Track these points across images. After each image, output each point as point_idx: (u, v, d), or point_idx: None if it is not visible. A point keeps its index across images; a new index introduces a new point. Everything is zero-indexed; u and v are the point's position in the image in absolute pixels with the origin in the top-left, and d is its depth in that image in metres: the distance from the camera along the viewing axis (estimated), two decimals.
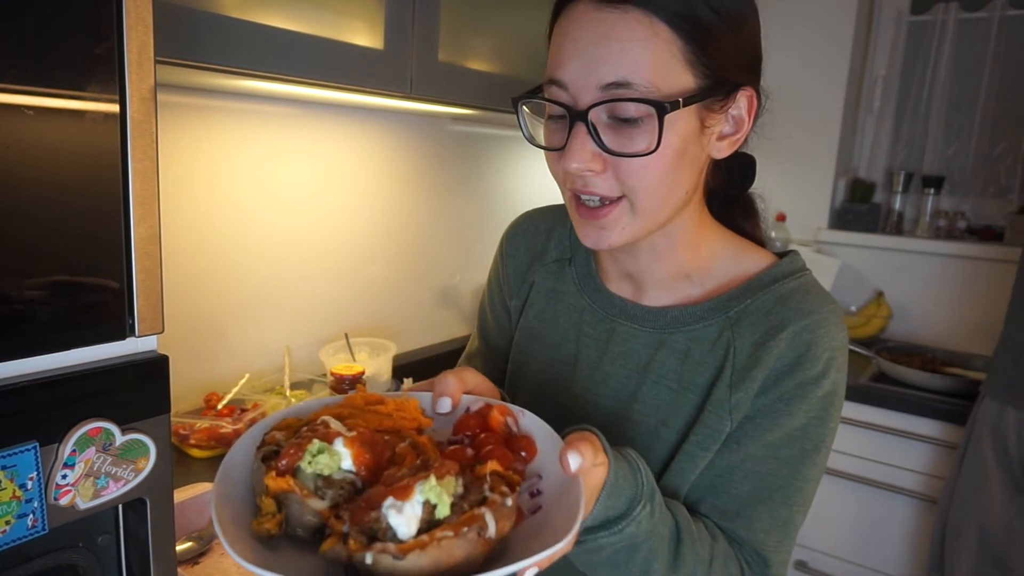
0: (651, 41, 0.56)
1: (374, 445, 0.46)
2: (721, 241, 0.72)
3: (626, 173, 0.60)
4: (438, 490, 0.41)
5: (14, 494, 0.47)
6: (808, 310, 0.64)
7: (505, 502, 0.42)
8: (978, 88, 2.13)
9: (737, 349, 0.66)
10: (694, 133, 0.61)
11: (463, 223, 1.87)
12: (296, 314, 1.47)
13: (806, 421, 0.64)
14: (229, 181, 1.29)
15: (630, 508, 0.55)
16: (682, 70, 0.58)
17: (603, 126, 0.59)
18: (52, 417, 0.49)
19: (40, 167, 0.47)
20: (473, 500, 0.42)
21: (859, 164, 2.38)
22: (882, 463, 1.71)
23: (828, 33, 2.17)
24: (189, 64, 0.82)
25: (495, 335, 0.87)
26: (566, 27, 0.60)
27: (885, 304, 2.14)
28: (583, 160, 0.59)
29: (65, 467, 0.49)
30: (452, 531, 0.38)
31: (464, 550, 0.38)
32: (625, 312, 0.73)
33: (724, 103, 0.62)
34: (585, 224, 0.64)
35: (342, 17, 1.03)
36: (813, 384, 0.63)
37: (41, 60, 0.47)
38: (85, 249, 0.51)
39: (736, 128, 0.64)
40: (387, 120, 1.59)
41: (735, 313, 0.67)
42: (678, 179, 0.62)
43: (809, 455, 0.64)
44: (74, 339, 0.51)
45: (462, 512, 0.41)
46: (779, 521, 0.65)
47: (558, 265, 0.81)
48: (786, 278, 0.68)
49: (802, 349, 0.63)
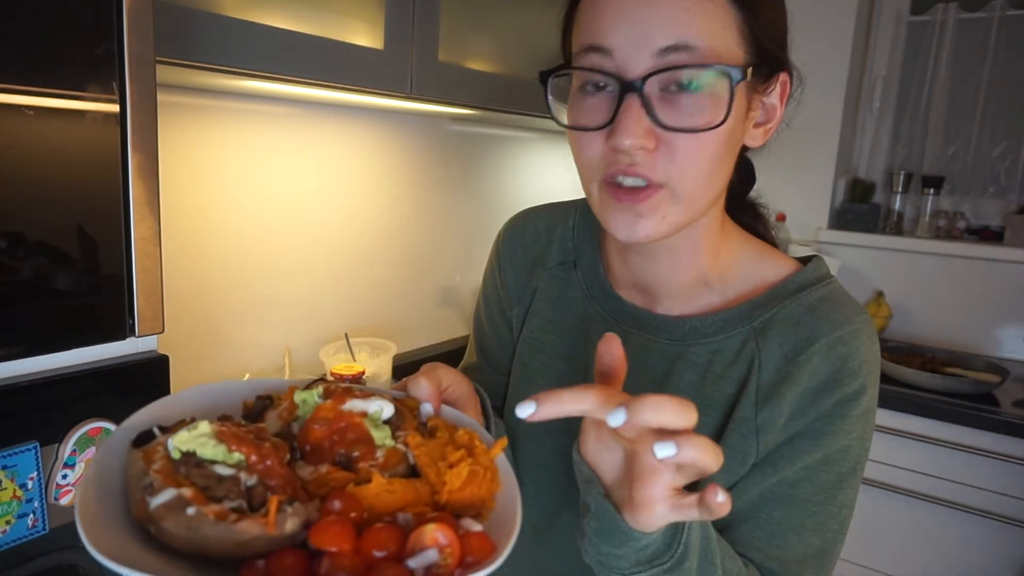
0: (708, 7, 0.51)
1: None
2: (741, 244, 0.66)
3: (680, 153, 0.53)
4: (209, 445, 0.37)
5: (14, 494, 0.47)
6: (840, 321, 0.59)
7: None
8: (978, 88, 2.13)
9: (763, 362, 0.60)
10: (742, 116, 0.55)
11: (463, 223, 1.87)
12: (296, 314, 1.47)
13: (847, 442, 0.58)
14: (229, 181, 1.29)
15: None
16: (736, 42, 0.53)
17: (656, 99, 0.52)
18: (52, 417, 0.49)
19: (40, 167, 0.47)
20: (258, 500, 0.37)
21: (859, 164, 2.38)
22: (882, 463, 1.70)
23: (828, 33, 2.17)
24: (189, 64, 0.82)
25: (495, 348, 0.80)
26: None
27: (885, 304, 2.14)
28: (637, 135, 0.51)
29: (65, 467, 0.49)
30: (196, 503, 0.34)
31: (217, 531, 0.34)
32: (638, 321, 0.66)
33: (767, 85, 0.58)
34: (620, 211, 0.55)
35: (342, 17, 1.03)
36: (853, 401, 0.58)
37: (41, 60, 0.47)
38: (85, 249, 0.51)
39: (768, 117, 0.60)
40: (387, 120, 1.59)
41: (760, 323, 0.61)
42: (724, 165, 0.56)
43: (846, 479, 0.59)
44: (74, 339, 0.51)
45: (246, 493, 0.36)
46: (812, 550, 0.59)
47: (562, 269, 0.74)
48: (813, 285, 0.62)
49: (838, 363, 0.58)
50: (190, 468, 0.36)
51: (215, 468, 0.36)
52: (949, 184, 2.20)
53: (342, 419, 0.42)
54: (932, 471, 1.65)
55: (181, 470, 0.36)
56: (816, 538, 0.59)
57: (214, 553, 0.34)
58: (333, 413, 0.42)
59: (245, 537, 0.33)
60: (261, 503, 0.35)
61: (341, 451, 0.41)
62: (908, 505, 1.68)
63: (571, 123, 0.57)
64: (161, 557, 0.34)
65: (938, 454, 1.63)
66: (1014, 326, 2.01)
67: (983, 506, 1.58)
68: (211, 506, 0.34)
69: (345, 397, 0.43)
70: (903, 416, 1.66)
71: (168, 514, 0.34)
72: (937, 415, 1.62)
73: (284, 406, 0.44)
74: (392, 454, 0.41)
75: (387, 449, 0.42)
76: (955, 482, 1.62)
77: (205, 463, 0.37)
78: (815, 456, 0.58)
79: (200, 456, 0.37)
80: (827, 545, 0.60)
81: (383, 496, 0.38)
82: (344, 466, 0.41)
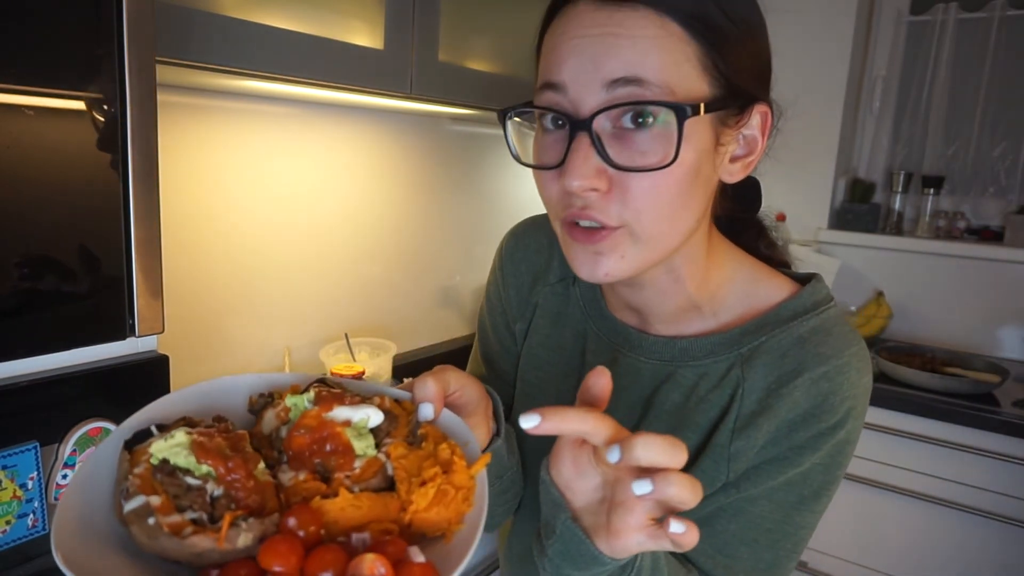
0: (664, 39, 0.49)
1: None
2: (733, 266, 0.65)
3: (633, 194, 0.51)
4: (175, 450, 0.38)
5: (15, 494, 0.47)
6: (828, 355, 0.57)
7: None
8: (978, 88, 2.12)
9: (746, 391, 0.59)
10: (708, 151, 0.53)
11: (463, 223, 1.87)
12: (296, 314, 1.47)
13: (810, 468, 0.59)
14: (229, 181, 1.29)
15: None
16: (697, 75, 0.50)
17: (608, 136, 0.51)
18: (52, 417, 0.49)
19: (40, 167, 0.47)
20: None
21: (859, 164, 2.38)
22: (882, 463, 1.70)
23: (828, 33, 2.17)
24: (189, 64, 0.82)
25: (501, 359, 0.79)
26: (563, 28, 0.52)
27: (885, 304, 2.14)
28: (586, 176, 0.50)
29: (65, 467, 0.49)
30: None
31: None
32: (630, 341, 0.66)
33: (739, 118, 0.55)
34: (580, 250, 0.55)
35: (342, 17, 1.03)
36: (828, 435, 0.57)
37: (41, 60, 0.47)
38: (85, 249, 0.51)
39: (749, 150, 0.57)
40: (387, 120, 1.59)
41: (748, 350, 0.60)
42: (689, 203, 0.54)
43: (807, 501, 0.59)
44: (74, 339, 0.51)
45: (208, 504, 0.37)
46: (763, 565, 0.59)
47: (562, 286, 0.73)
48: (807, 313, 0.60)
49: (819, 399, 0.57)
50: (164, 476, 0.37)
51: (185, 478, 0.37)
52: (949, 184, 2.20)
53: (324, 428, 0.42)
54: (932, 471, 1.65)
55: (157, 476, 0.37)
56: (768, 553, 0.59)
57: (172, 560, 0.35)
58: (317, 421, 0.42)
59: (198, 549, 0.34)
60: (223, 515, 0.36)
61: (319, 461, 0.41)
62: (908, 505, 1.68)
63: (534, 161, 0.56)
64: (132, 561, 0.36)
65: (938, 454, 1.63)
66: (1014, 326, 2.01)
67: (983, 506, 1.58)
68: (170, 517, 0.35)
69: (333, 404, 0.43)
70: (903, 416, 1.66)
71: (135, 520, 0.35)
72: (937, 415, 1.62)
73: (282, 406, 0.45)
74: (370, 465, 0.41)
75: (367, 459, 0.41)
76: (955, 482, 1.62)
77: (178, 472, 0.38)
78: (777, 480, 0.59)
79: (174, 464, 0.38)
80: (779, 561, 0.60)
81: (348, 511, 0.38)
82: (322, 475, 0.41)
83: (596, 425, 0.42)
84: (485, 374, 0.80)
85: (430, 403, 0.48)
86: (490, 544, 1.11)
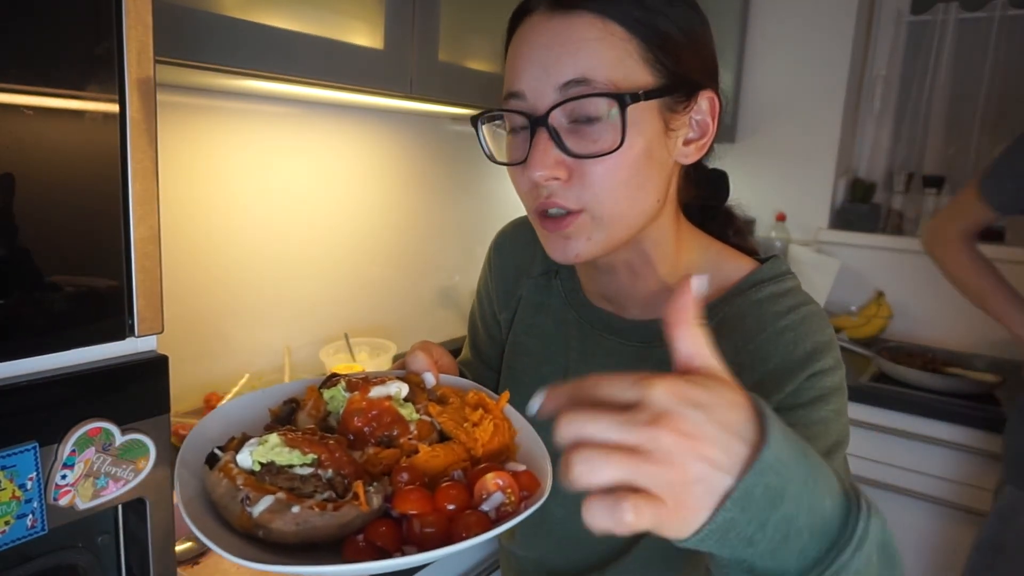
0: (606, 40, 0.56)
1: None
2: (700, 250, 0.70)
3: (592, 178, 0.57)
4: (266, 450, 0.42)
5: (13, 494, 0.47)
6: (784, 311, 0.62)
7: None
8: (978, 88, 2.12)
9: None
10: (659, 134, 0.59)
11: (463, 223, 1.87)
12: (296, 314, 1.47)
13: (825, 415, 0.58)
14: (229, 181, 1.29)
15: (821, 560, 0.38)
16: (640, 68, 0.57)
17: (565, 131, 0.58)
18: (52, 417, 0.49)
19: (40, 167, 0.47)
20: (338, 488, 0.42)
21: (859, 164, 2.38)
22: (882, 463, 1.70)
23: (828, 33, 2.17)
24: (189, 64, 0.82)
25: (487, 346, 0.87)
26: (520, 41, 0.60)
27: (885, 304, 2.14)
28: (546, 166, 0.57)
29: (65, 467, 0.49)
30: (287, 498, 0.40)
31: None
32: (610, 326, 0.71)
33: (687, 104, 0.61)
34: (551, 237, 0.62)
35: (342, 17, 1.03)
36: (806, 391, 0.59)
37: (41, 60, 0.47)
38: (85, 249, 0.51)
39: (701, 132, 0.63)
40: (387, 120, 1.59)
41: (715, 323, 0.65)
42: (644, 184, 0.60)
43: (834, 451, 0.58)
44: (74, 339, 0.51)
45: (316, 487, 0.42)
46: None
47: (545, 278, 0.80)
48: (766, 283, 0.65)
49: (785, 354, 0.60)
50: (273, 476, 0.41)
51: (295, 471, 0.41)
52: (949, 184, 2.20)
53: (373, 407, 0.47)
54: (932, 471, 1.65)
55: (266, 479, 0.41)
56: None
57: (320, 539, 0.39)
58: (365, 403, 0.47)
59: (346, 519, 0.39)
60: (342, 490, 0.41)
61: (384, 433, 0.46)
62: (908, 505, 1.68)
63: (504, 160, 0.64)
64: (273, 552, 0.39)
65: (938, 454, 1.63)
66: None
67: (983, 506, 1.58)
68: (308, 501, 0.39)
69: (367, 387, 0.48)
70: (903, 416, 1.66)
71: (274, 517, 0.38)
72: (937, 415, 1.62)
73: (310, 405, 0.49)
74: (422, 426, 0.47)
75: (416, 422, 0.47)
76: (955, 482, 1.62)
77: (284, 469, 0.42)
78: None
79: (278, 464, 0.42)
80: None
81: (431, 461, 0.45)
82: (387, 445, 0.46)
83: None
84: (471, 359, 0.88)
85: (427, 371, 0.55)
86: (491, 544, 1.11)
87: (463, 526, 0.40)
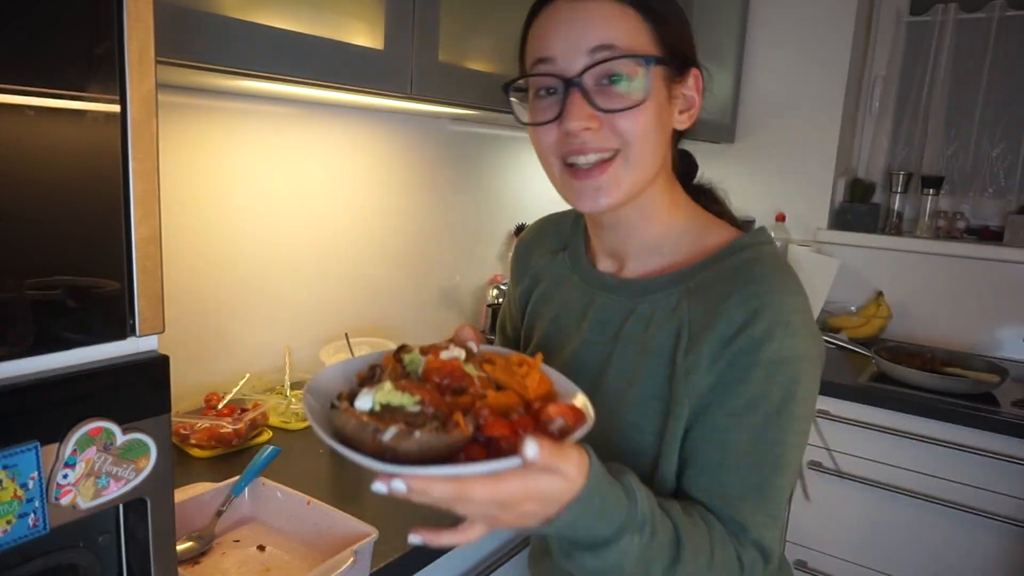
0: (623, 18, 0.68)
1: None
2: (690, 215, 0.79)
3: (621, 127, 0.67)
4: (384, 394, 0.52)
5: (15, 494, 0.47)
6: (756, 277, 0.68)
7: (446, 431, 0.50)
8: (977, 88, 2.13)
9: (692, 318, 0.70)
10: (665, 100, 0.71)
11: (463, 223, 1.87)
12: (296, 314, 1.47)
13: (766, 387, 0.66)
14: (229, 181, 1.29)
15: (617, 535, 0.55)
16: (649, 41, 0.69)
17: (593, 91, 0.67)
18: (53, 417, 0.49)
19: (40, 167, 0.47)
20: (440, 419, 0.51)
21: (859, 164, 2.38)
22: (882, 463, 1.71)
23: (828, 33, 2.17)
24: (189, 64, 0.82)
25: (509, 324, 0.99)
26: (546, 19, 0.70)
27: (885, 304, 2.14)
28: (582, 118, 0.67)
29: (66, 467, 0.49)
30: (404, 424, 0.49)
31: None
32: (605, 285, 0.81)
33: (682, 78, 0.73)
34: (581, 187, 0.70)
35: (342, 17, 1.03)
36: (761, 345, 0.65)
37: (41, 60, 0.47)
38: (86, 249, 0.51)
39: (689, 105, 0.75)
40: (387, 120, 1.59)
41: (694, 284, 0.72)
42: (660, 138, 0.71)
43: (772, 419, 0.66)
44: (75, 339, 0.51)
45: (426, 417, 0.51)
46: (751, 485, 0.66)
47: (552, 254, 0.91)
48: (744, 249, 0.72)
49: (749, 314, 0.66)
50: (392, 412, 0.51)
51: (407, 408, 0.51)
52: (949, 184, 2.20)
53: (446, 367, 0.57)
54: (932, 471, 1.65)
55: (385, 415, 0.50)
56: (753, 475, 0.66)
57: (434, 457, 0.48)
58: (439, 363, 0.57)
59: (454, 440, 0.49)
60: (444, 420, 0.50)
61: (461, 385, 0.56)
62: (908, 505, 1.68)
63: (531, 121, 0.73)
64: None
65: (938, 454, 1.63)
66: (1014, 326, 2.01)
67: (983, 506, 1.58)
68: (424, 428, 0.49)
69: (438, 351, 0.59)
70: (903, 416, 1.66)
71: (399, 441, 0.48)
72: (937, 415, 1.62)
73: (390, 369, 0.59)
74: (482, 380, 0.57)
75: (478, 377, 0.57)
76: (955, 482, 1.62)
77: (398, 408, 0.51)
78: (738, 402, 0.66)
79: (393, 404, 0.51)
80: (766, 480, 0.66)
81: (498, 401, 0.55)
82: (460, 394, 0.55)
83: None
84: (498, 340, 1.02)
85: (472, 340, 0.63)
86: (489, 544, 1.11)
87: None
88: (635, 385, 0.72)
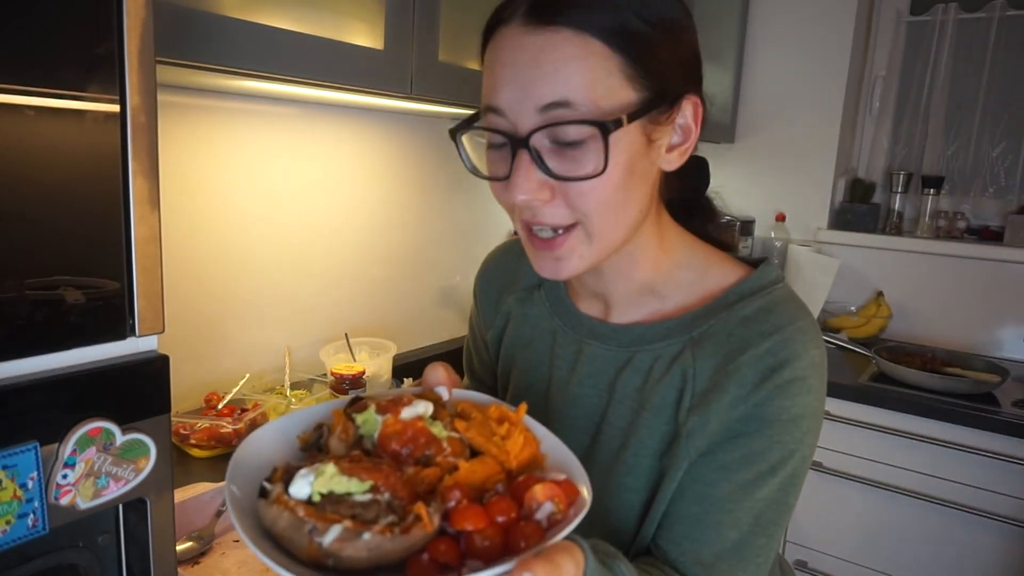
0: (586, 59, 0.54)
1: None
2: (686, 252, 0.69)
3: (576, 198, 0.57)
4: (326, 479, 0.43)
5: (15, 494, 0.47)
6: (770, 331, 0.61)
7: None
8: (978, 88, 2.13)
9: (697, 372, 0.63)
10: (641, 149, 0.58)
11: (463, 223, 1.87)
12: (296, 314, 1.47)
13: (767, 445, 0.60)
14: (229, 181, 1.29)
15: None
16: (622, 85, 0.55)
17: (547, 151, 0.57)
18: (52, 417, 0.49)
19: (40, 167, 0.47)
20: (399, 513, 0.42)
21: (859, 164, 2.38)
22: (882, 463, 1.70)
23: (828, 33, 2.17)
24: (189, 64, 0.82)
25: (480, 369, 0.88)
26: (497, 52, 0.58)
27: (885, 304, 2.14)
28: (529, 190, 0.56)
29: (66, 467, 0.49)
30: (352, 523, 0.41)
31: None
32: (593, 331, 0.71)
33: (670, 114, 0.59)
34: (540, 255, 0.62)
35: (342, 17, 1.03)
36: (769, 403, 0.60)
37: (41, 60, 0.47)
38: (85, 249, 0.51)
39: (685, 137, 0.62)
40: (387, 120, 1.59)
41: (698, 334, 0.64)
42: (629, 199, 0.59)
43: (764, 477, 0.61)
44: (74, 339, 0.51)
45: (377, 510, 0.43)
46: (727, 544, 0.61)
47: (527, 292, 0.80)
48: (753, 295, 0.64)
49: (764, 372, 0.59)
50: (335, 504, 0.42)
51: (355, 498, 0.42)
52: (949, 184, 2.20)
53: (408, 428, 0.47)
54: (932, 471, 1.65)
55: (327, 508, 0.41)
56: (733, 532, 0.61)
57: (389, 562, 0.40)
58: (400, 425, 0.48)
59: (414, 540, 0.40)
60: (401, 512, 0.42)
61: (426, 452, 0.47)
62: (908, 505, 1.68)
63: (487, 173, 0.62)
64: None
65: (938, 454, 1.63)
66: (1014, 326, 2.01)
67: (983, 506, 1.58)
68: (375, 527, 0.40)
69: (397, 409, 0.49)
70: (903, 416, 1.66)
71: (344, 545, 0.39)
72: (937, 415, 1.62)
73: (340, 430, 0.49)
74: (453, 443, 0.48)
75: (447, 439, 0.48)
76: (955, 482, 1.62)
77: (344, 497, 0.42)
78: (732, 456, 0.61)
79: (337, 493, 0.42)
80: (744, 540, 0.61)
81: (471, 476, 0.46)
82: (424, 464, 0.47)
83: None
84: (470, 385, 0.89)
85: (443, 385, 0.55)
86: None
87: (520, 536, 0.42)
88: (632, 444, 0.65)
